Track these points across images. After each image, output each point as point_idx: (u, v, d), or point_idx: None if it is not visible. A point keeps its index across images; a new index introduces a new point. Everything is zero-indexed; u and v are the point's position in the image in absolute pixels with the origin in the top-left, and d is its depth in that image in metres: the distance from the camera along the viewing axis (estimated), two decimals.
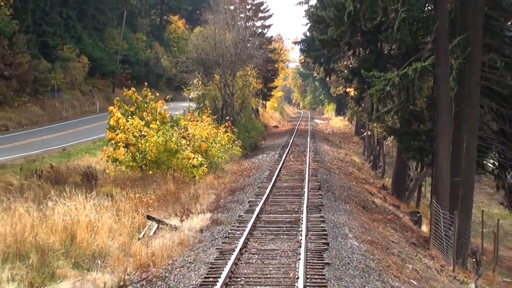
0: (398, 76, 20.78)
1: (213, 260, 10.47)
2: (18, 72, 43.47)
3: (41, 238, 11.74)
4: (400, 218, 22.73)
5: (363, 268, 10.71)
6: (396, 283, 10.56)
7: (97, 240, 12.02)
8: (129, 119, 24.02)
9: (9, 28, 42.31)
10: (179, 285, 9.28)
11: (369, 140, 42.47)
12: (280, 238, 12.22)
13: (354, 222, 15.60)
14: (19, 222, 12.33)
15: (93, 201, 13.79)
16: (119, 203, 14.57)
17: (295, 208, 15.61)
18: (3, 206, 13.94)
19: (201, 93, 40.93)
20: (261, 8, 54.87)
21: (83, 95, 53.62)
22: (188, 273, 9.91)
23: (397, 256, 13.72)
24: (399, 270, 12.13)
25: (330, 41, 29.52)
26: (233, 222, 14.01)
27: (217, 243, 11.90)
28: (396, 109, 22.24)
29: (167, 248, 11.92)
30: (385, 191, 29.24)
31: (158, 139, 23.23)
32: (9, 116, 41.64)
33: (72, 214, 12.67)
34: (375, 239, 14.38)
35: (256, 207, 15.27)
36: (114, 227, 13.00)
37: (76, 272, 10.54)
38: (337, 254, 11.14)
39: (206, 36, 40.75)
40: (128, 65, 61.74)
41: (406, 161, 30.48)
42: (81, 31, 54.42)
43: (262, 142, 43.27)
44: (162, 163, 23.50)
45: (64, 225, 12.32)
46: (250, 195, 18.25)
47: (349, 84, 35.60)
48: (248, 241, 11.79)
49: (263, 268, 9.99)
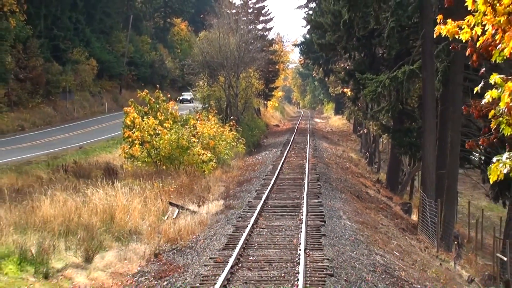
0: (388, 79, 23.13)
1: (230, 233, 12.80)
2: (32, 74, 45.88)
3: (84, 219, 14.05)
4: (392, 207, 25.05)
5: (353, 240, 13.02)
6: (380, 252, 12.88)
7: (131, 220, 14.34)
8: (144, 119, 26.28)
9: (24, 33, 44.66)
10: (205, 251, 11.61)
11: (365, 137, 44.82)
12: (284, 217, 14.56)
13: (348, 207, 17.92)
14: (64, 206, 14.67)
15: (123, 189, 16.11)
16: (146, 191, 16.87)
17: (296, 195, 17.93)
18: (46, 194, 16.25)
19: (206, 94, 43.21)
20: (262, 12, 57.21)
21: (92, 96, 56.00)
22: (211, 242, 12.24)
23: (384, 234, 16.06)
24: (385, 244, 14.46)
25: (327, 45, 31.83)
26: (244, 207, 16.33)
27: (232, 222, 14.23)
28: (387, 108, 24.58)
29: (190, 226, 14.24)
30: (379, 185, 31.54)
31: (171, 137, 25.45)
32: (24, 116, 43.95)
33: (108, 200, 14.99)
34: (366, 221, 16.71)
35: (263, 195, 17.59)
36: (142, 210, 15.32)
37: (118, 244, 12.85)
38: (332, 229, 13.47)
39: (211, 40, 43.04)
40: (134, 67, 64.11)
41: (399, 157, 32.83)
42: (90, 34, 56.77)
43: (264, 140, 45.57)
44: (175, 159, 25.73)
45: (103, 208, 14.64)
46: (256, 186, 20.56)
47: (346, 84, 37.96)
48: (258, 219, 14.13)
49: (272, 237, 12.33)
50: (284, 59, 69.05)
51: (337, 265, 10.26)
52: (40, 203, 14.91)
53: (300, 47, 55.17)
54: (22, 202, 15.56)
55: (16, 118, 42.62)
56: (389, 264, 11.95)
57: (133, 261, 11.75)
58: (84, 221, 13.91)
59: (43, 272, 10.93)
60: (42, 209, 14.45)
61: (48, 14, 49.68)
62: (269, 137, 48.54)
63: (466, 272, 18.24)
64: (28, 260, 11.51)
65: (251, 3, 56.78)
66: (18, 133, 40.19)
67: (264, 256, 10.79)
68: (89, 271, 11.10)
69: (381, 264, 11.54)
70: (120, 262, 11.65)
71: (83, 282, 10.60)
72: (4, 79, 41.66)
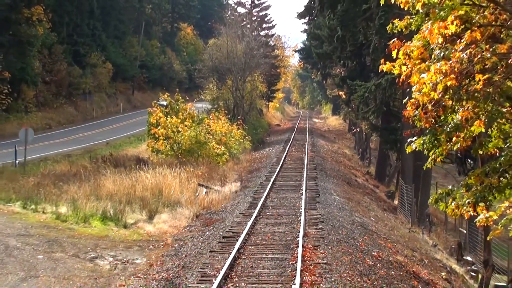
0: (374, 85, 27.86)
1: (250, 201, 17.55)
2: (56, 77, 50.74)
3: (139, 193, 18.77)
4: (377, 193, 29.80)
5: (340, 207, 17.76)
6: (359, 216, 17.61)
7: (173, 194, 19.05)
8: (168, 118, 30.96)
9: (49, 40, 49.41)
10: (234, 211, 16.34)
11: (358, 135, 49.59)
12: (289, 192, 19.33)
13: (338, 188, 22.66)
14: (122, 184, 19.39)
15: (164, 172, 20.85)
16: (181, 175, 21.59)
17: (298, 179, 22.66)
18: (103, 176, 20.96)
19: (215, 96, 47.93)
20: (265, 20, 61.98)
21: (108, 97, 60.74)
22: (237, 207, 16.99)
23: (365, 207, 20.80)
24: (364, 212, 19.21)
25: (324, 54, 36.60)
26: (257, 186, 21.05)
27: (250, 195, 18.97)
28: (373, 109, 29.33)
29: (218, 199, 18.98)
30: (369, 176, 36.29)
31: (190, 134, 30.13)
32: (51, 116, 48.70)
33: (156, 179, 19.72)
34: (351, 198, 21.45)
35: (271, 178, 22.31)
36: (180, 188, 20.03)
37: (168, 209, 17.54)
38: (324, 200, 18.21)
39: (219, 46, 47.79)
40: (145, 70, 68.85)
41: (386, 152, 37.58)
42: (106, 40, 61.50)
43: (267, 138, 50.30)
44: (194, 152, 30.40)
45: (151, 185, 19.36)
46: (264, 173, 25.28)
47: (340, 88, 42.71)
48: (270, 193, 18.88)
49: (281, 203, 17.10)
50: (285, 63, 73.86)
51: (326, 218, 15.01)
52: (103, 182, 19.66)
53: (299, 53, 59.82)
54: (87, 182, 20.29)
55: (43, 117, 47.31)
56: (365, 222, 16.70)
57: (182, 219, 16.49)
58: (139, 194, 18.64)
59: (122, 224, 15.69)
60: (106, 186, 19.20)
61: (70, 22, 54.36)
62: (271, 135, 53.27)
63: (432, 241, 22.96)
64: (108, 218, 16.27)
65: (255, 11, 61.54)
66: (46, 131, 44.78)
67: (276, 212, 15.57)
68: (153, 224, 15.84)
69: (358, 222, 16.28)
70: (173, 219, 16.39)
71: (151, 230, 15.34)
72: (34, 82, 46.27)
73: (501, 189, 10.22)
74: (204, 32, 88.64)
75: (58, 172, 23.78)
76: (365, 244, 13.32)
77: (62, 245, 13.48)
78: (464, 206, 10.13)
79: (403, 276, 11.81)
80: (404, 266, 12.83)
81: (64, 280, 10.86)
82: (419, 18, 10.14)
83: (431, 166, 11.07)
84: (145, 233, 15.24)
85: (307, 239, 12.30)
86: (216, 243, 12.30)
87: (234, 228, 13.61)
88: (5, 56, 42.41)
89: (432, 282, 12.86)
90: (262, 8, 61.51)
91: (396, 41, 10.16)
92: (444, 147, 10.67)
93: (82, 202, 17.49)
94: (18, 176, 22.53)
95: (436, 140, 10.68)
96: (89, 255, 12.82)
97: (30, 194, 18.98)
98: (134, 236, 14.80)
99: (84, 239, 14.30)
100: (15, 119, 44.14)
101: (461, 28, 8.72)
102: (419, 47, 9.96)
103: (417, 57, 10.20)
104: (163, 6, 78.17)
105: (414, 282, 11.66)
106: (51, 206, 17.48)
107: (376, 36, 26.21)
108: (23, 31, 44.91)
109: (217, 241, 12.44)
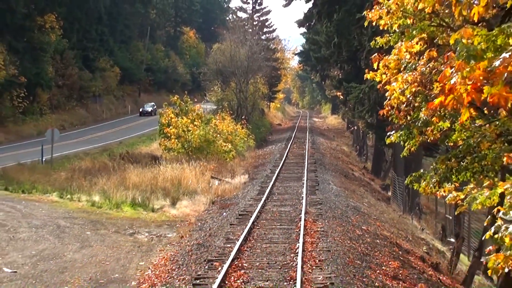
0: (367, 87, 30.51)
1: (259, 189, 20.24)
2: (68, 81, 53.53)
3: (160, 184, 21.46)
4: (372, 185, 32.47)
5: (337, 194, 20.45)
6: (354, 201, 20.29)
7: (191, 185, 21.74)
8: (179, 118, 33.62)
9: (61, 46, 52.21)
10: (245, 198, 19.02)
11: (356, 133, 52.30)
12: (292, 182, 22.02)
13: (336, 180, 25.34)
14: (145, 176, 22.10)
15: (182, 166, 23.54)
16: (196, 168, 24.29)
17: (299, 171, 25.35)
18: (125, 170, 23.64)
19: (220, 97, 50.63)
20: (266, 24, 64.69)
21: (116, 99, 63.54)
22: (247, 194, 19.68)
23: (360, 195, 23.49)
24: (358, 199, 21.89)
25: (323, 58, 39.29)
26: (263, 178, 23.74)
27: (258, 184, 21.66)
28: (368, 109, 31.99)
29: (230, 189, 21.67)
30: (365, 170, 38.98)
31: (200, 133, 32.80)
32: (64, 117, 51.45)
33: (175, 172, 22.42)
34: (348, 187, 24.14)
35: (276, 171, 25.00)
36: (196, 179, 22.73)
37: (187, 197, 20.22)
38: (323, 188, 20.90)
39: (223, 51, 50.52)
40: (151, 73, 71.65)
41: (381, 148, 40.24)
42: (113, 45, 64.26)
43: (269, 137, 53.02)
44: (204, 150, 33.07)
45: (171, 177, 22.06)
46: (269, 167, 27.97)
47: (338, 89, 45.42)
48: (275, 183, 21.57)
49: (285, 190, 19.80)
50: (285, 65, 76.61)
51: (324, 201, 17.71)
52: (128, 175, 22.37)
53: (299, 55, 62.50)
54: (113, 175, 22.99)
55: (57, 119, 50.03)
56: (358, 206, 19.40)
57: (200, 205, 19.18)
58: (161, 185, 21.35)
59: (150, 209, 18.39)
60: (131, 178, 21.91)
61: (80, 28, 57.10)
62: (273, 134, 55.99)
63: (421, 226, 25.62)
64: (137, 204, 18.97)
65: (256, 16, 64.25)
66: (61, 131, 47.28)
67: (282, 197, 18.29)
68: (177, 209, 18.55)
69: (352, 205, 18.98)
70: (193, 205, 19.08)
71: (175, 213, 18.04)
72: (48, 86, 49.03)
73: (460, 171, 12.94)
74: (206, 36, 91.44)
75: (84, 168, 26.50)
76: (356, 221, 16.01)
77: (104, 224, 16.18)
78: (431, 184, 12.86)
79: (386, 244, 14.50)
80: (389, 239, 15.52)
81: (113, 248, 13.54)
82: (396, 36, 12.88)
83: (407, 155, 13.76)
84: (170, 215, 17.93)
85: (308, 215, 14.98)
86: (234, 219, 14.98)
87: (248, 209, 16.29)
88: (21, 62, 45.17)
89: (412, 251, 15.54)
90: (262, 13, 64.29)
91: (376, 55, 12.89)
92: (417, 139, 13.41)
93: (112, 191, 20.22)
94: (50, 171, 25.24)
95: (410, 133, 13.43)
96: (128, 232, 15.51)
97: (64, 186, 21.73)
98: (162, 217, 17.50)
99: (120, 220, 17.00)
100: (31, 121, 46.94)
101: (424, 47, 11.42)
102: (395, 60, 12.69)
103: (394, 67, 12.94)
104: (167, 11, 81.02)
105: (396, 249, 14.34)
106: (85, 195, 20.20)
107: (368, 43, 28.83)
108: (37, 38, 47.74)
109: (234, 218, 15.12)
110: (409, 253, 15.13)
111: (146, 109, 60.37)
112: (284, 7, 60.64)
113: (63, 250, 13.07)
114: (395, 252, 13.97)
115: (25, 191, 21.06)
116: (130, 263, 12.14)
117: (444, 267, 16.17)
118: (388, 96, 11.81)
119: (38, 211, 17.62)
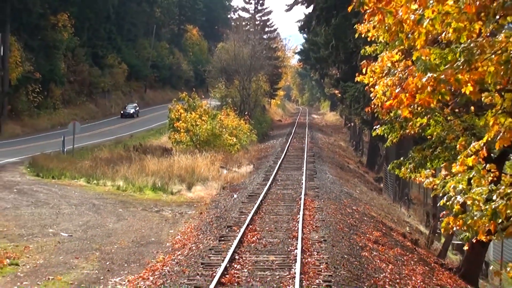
0: (362, 86, 33.19)
1: (264, 176, 22.99)
2: (79, 78, 56.17)
3: (176, 171, 24.18)
4: (366, 177, 35.22)
5: (332, 181, 23.18)
6: (347, 188, 23.02)
7: (203, 173, 24.45)
8: (188, 113, 36.28)
9: (72, 43, 54.79)
10: (252, 183, 21.74)
11: (353, 129, 55.05)
12: (293, 171, 24.77)
13: (332, 170, 28.08)
14: (161, 165, 24.82)
15: (196, 156, 26.27)
16: (207, 158, 27.01)
17: (299, 162, 28.10)
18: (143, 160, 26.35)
19: (224, 94, 53.33)
20: (267, 24, 67.34)
21: (124, 95, 66.22)
22: (254, 180, 22.41)
23: (353, 184, 26.23)
24: (352, 187, 24.63)
25: (322, 58, 41.96)
26: (267, 168, 26.48)
27: (263, 173, 24.40)
28: (363, 106, 34.65)
29: (237, 177, 24.40)
30: (360, 164, 41.73)
31: (207, 127, 35.45)
32: (75, 112, 54.08)
33: (189, 161, 25.14)
34: (342, 177, 26.88)
35: (278, 162, 27.74)
36: (207, 168, 25.44)
37: (201, 183, 22.94)
38: (320, 176, 23.64)
39: (227, 50, 53.22)
40: (156, 70, 74.29)
41: (376, 143, 42.98)
42: (121, 42, 66.86)
43: (271, 132, 55.78)
44: (211, 143, 35.74)
45: (185, 166, 24.77)
46: (272, 159, 30.71)
47: (336, 87, 48.13)
48: (278, 171, 24.32)
49: (287, 177, 22.57)
50: (286, 64, 79.34)
51: (321, 186, 20.45)
52: (146, 163, 25.09)
53: (299, 54, 65.18)
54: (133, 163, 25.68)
55: (69, 114, 52.65)
56: (350, 192, 22.15)
57: (213, 189, 21.90)
58: (176, 173, 24.07)
59: (169, 192, 21.13)
60: (149, 166, 24.62)
61: (90, 27, 59.68)
62: (274, 129, 58.73)
63: (408, 213, 28.37)
64: (157, 188, 21.70)
65: (258, 16, 66.91)
66: None
67: (284, 183, 21.07)
68: (192, 192, 21.29)
69: (345, 191, 21.72)
70: (206, 189, 21.81)
71: (192, 196, 20.78)
72: (61, 82, 51.68)
73: (433, 159, 15.74)
74: (209, 33, 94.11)
75: (104, 158, 29.18)
76: (348, 202, 18.76)
77: (132, 204, 18.92)
78: (408, 169, 15.65)
79: (373, 222, 17.25)
80: (375, 218, 18.27)
81: (145, 221, 16.27)
82: (381, 46, 15.62)
83: (390, 145, 16.52)
84: (188, 197, 20.66)
85: (307, 196, 17.72)
86: (244, 198, 17.72)
87: (256, 191, 19.04)
88: (36, 59, 47.81)
89: (395, 229, 18.30)
90: (264, 13, 66.95)
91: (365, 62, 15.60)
92: (398, 132, 16.19)
93: (133, 178, 22.94)
94: (75, 159, 27.95)
95: (392, 127, 16.21)
96: (154, 209, 18.24)
97: (89, 173, 24.43)
98: (180, 199, 20.24)
99: (144, 201, 19.73)
100: (45, 115, 49.62)
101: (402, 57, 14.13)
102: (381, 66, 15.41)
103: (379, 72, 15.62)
104: (172, 9, 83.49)
105: (380, 225, 17.09)
106: (109, 181, 22.90)
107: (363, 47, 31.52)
108: (51, 36, 50.39)
109: (245, 197, 17.86)
110: (392, 230, 17.88)
111: (128, 110, 56.83)
112: (286, 12, 63.06)
113: (104, 222, 15.80)
114: (379, 227, 16.72)
115: (55, 177, 23.73)
116: (161, 231, 14.87)
117: (423, 243, 18.92)
118: (373, 97, 14.52)
119: (71, 193, 20.33)
